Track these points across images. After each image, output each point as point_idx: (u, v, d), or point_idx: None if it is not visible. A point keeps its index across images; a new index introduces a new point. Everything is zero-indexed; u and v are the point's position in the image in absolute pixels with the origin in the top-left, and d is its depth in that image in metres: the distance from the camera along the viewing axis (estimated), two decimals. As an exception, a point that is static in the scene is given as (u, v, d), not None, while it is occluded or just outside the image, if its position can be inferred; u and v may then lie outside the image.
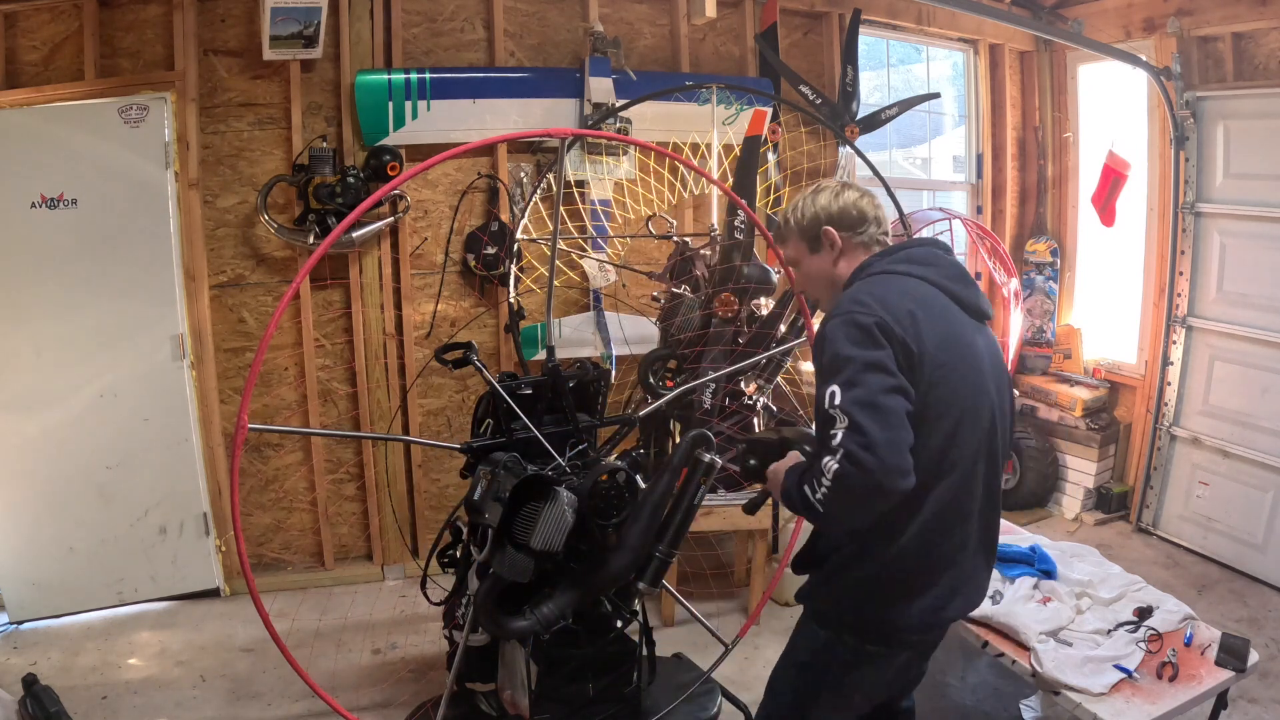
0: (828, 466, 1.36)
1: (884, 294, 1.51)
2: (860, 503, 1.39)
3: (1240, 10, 3.64)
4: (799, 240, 1.71)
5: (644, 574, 1.97)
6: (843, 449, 1.35)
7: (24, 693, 2.57)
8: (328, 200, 3.24)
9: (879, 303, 1.47)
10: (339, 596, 3.48)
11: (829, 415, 1.39)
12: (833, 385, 1.40)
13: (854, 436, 1.35)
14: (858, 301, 1.49)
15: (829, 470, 1.36)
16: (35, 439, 3.19)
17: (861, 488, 1.35)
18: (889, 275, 1.58)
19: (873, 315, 1.45)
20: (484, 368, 2.18)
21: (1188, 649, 2.26)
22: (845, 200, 1.67)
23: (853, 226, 1.67)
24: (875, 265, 1.63)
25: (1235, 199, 3.76)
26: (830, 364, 1.44)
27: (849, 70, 3.83)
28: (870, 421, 1.35)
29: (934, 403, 1.47)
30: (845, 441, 1.35)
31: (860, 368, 1.40)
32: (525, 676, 2.16)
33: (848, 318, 1.46)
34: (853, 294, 1.54)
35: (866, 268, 1.64)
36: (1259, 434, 3.67)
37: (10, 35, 3.09)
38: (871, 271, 1.61)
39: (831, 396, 1.39)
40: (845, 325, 1.45)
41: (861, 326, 1.43)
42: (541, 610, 1.96)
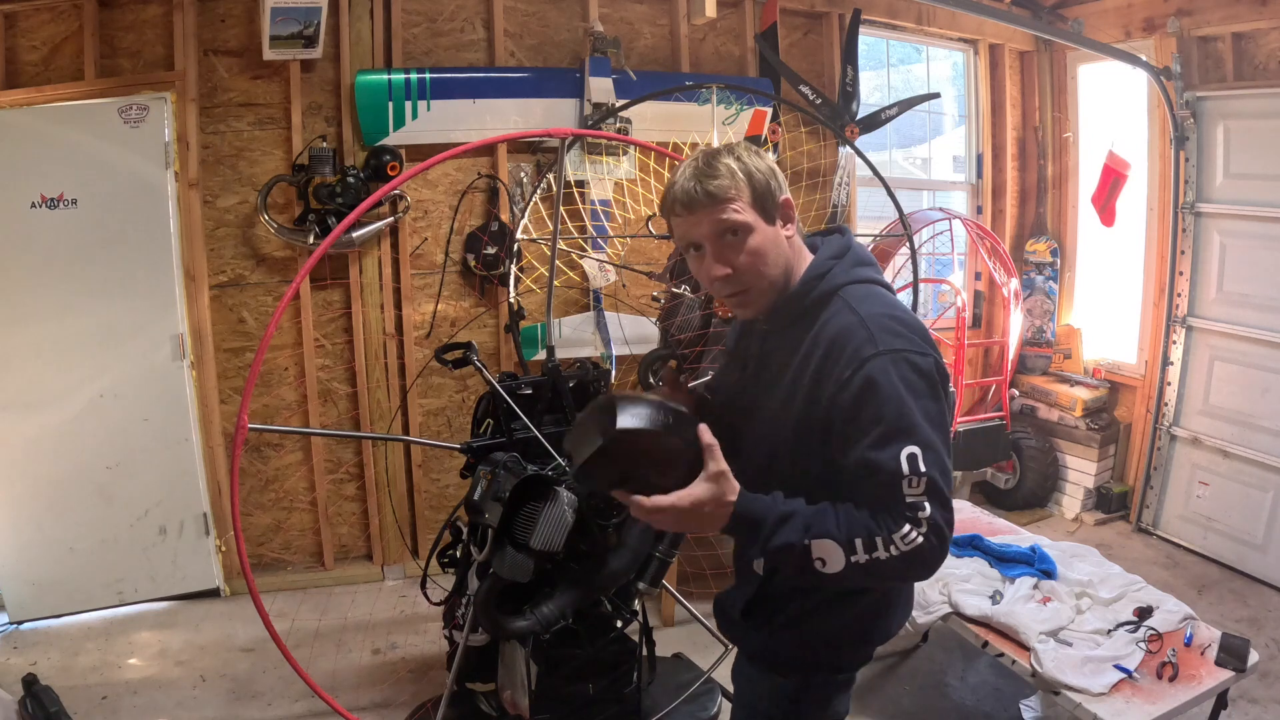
0: (907, 538, 1.15)
1: (908, 318, 1.27)
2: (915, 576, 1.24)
3: (1240, 10, 3.64)
4: (750, 204, 1.26)
5: (644, 574, 1.97)
6: (931, 523, 1.15)
7: (24, 693, 2.57)
8: (328, 200, 3.24)
9: (921, 335, 1.25)
10: (339, 596, 3.48)
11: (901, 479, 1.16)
12: (910, 447, 1.16)
13: (941, 511, 1.17)
14: (901, 335, 1.22)
15: (908, 542, 1.15)
16: (35, 439, 3.19)
17: (933, 564, 1.18)
18: (869, 286, 1.32)
19: (929, 355, 1.23)
20: (484, 368, 2.19)
21: (1188, 649, 2.26)
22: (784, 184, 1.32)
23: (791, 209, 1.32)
24: (839, 271, 1.32)
25: (1235, 199, 3.76)
26: (900, 420, 1.17)
27: (849, 70, 3.84)
28: (949, 490, 1.19)
29: None
30: (936, 516, 1.16)
31: (932, 426, 1.19)
32: (525, 676, 2.16)
33: (902, 358, 1.20)
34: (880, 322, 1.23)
35: (827, 274, 1.31)
36: (1259, 434, 3.67)
37: (10, 35, 3.09)
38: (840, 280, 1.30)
39: (912, 460, 1.15)
40: (902, 368, 1.20)
41: (923, 372, 1.21)
42: (541, 610, 1.96)
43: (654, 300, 3.46)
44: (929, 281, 4.68)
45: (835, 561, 1.16)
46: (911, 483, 1.16)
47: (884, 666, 3.00)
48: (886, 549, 1.15)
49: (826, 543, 1.16)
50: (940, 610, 2.50)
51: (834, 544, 1.16)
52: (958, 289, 4.28)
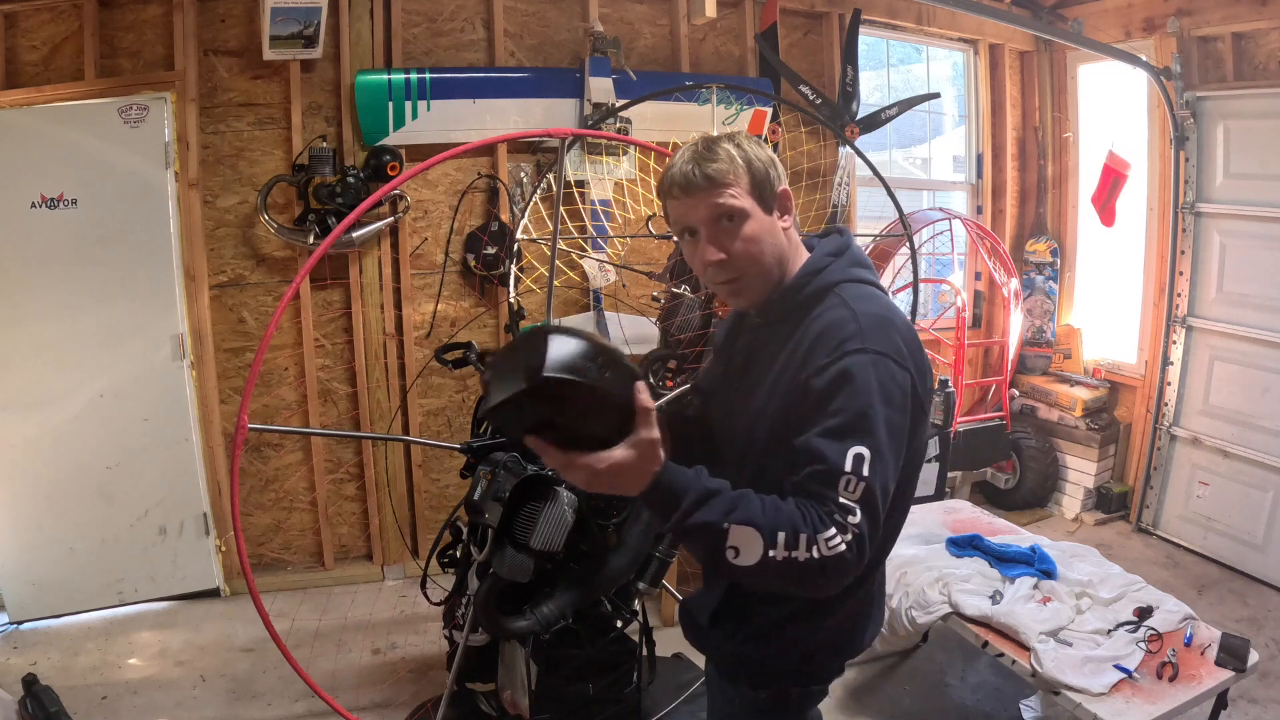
0: (831, 542, 1.09)
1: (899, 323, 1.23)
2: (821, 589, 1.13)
3: (1240, 10, 3.64)
4: (749, 192, 1.24)
5: (644, 574, 1.97)
6: (856, 533, 1.10)
7: (24, 693, 2.57)
8: (328, 200, 3.24)
9: (907, 345, 1.21)
10: (339, 596, 3.48)
11: (839, 478, 1.12)
12: (860, 447, 1.12)
13: (870, 525, 1.12)
14: (889, 341, 1.19)
15: (831, 546, 1.09)
16: (35, 439, 3.19)
17: (843, 578, 1.12)
18: (860, 286, 1.28)
19: (907, 369, 1.19)
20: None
21: (1188, 649, 2.26)
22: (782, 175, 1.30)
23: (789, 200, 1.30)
24: (836, 268, 1.29)
25: (1235, 199, 3.76)
26: (860, 418, 1.13)
27: (849, 70, 3.84)
28: (883, 511, 1.14)
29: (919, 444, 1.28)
30: (864, 527, 1.11)
31: (890, 438, 1.15)
32: (525, 676, 2.16)
33: (884, 363, 1.16)
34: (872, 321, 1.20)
35: (823, 270, 1.29)
36: (1259, 434, 3.67)
37: (10, 35, 3.09)
38: (835, 278, 1.28)
39: (858, 460, 1.11)
40: (881, 374, 1.16)
41: (899, 384, 1.17)
42: (541, 610, 1.96)
43: (654, 300, 3.46)
44: (929, 281, 4.68)
45: (750, 553, 1.09)
46: (850, 484, 1.11)
47: (884, 666, 3.01)
48: (808, 549, 1.09)
49: (747, 530, 1.09)
50: (940, 610, 2.50)
51: (755, 532, 1.09)
52: (958, 289, 4.28)
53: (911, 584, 2.61)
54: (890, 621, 2.62)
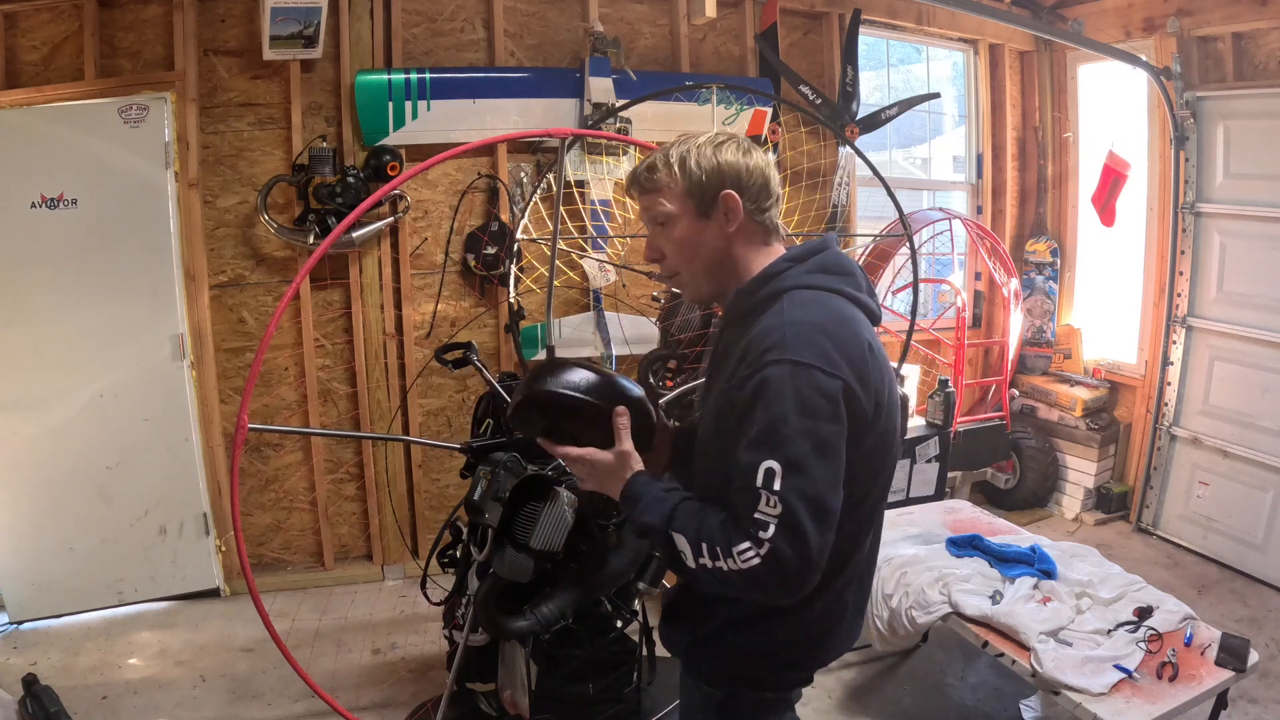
0: (744, 556, 1.11)
1: (837, 330, 1.19)
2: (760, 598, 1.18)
3: (1240, 10, 3.64)
4: (685, 196, 1.28)
5: (644, 574, 1.97)
6: (771, 548, 1.10)
7: (24, 693, 2.57)
8: (328, 200, 3.24)
9: (840, 351, 1.17)
10: (339, 596, 3.48)
11: (756, 493, 1.12)
12: (770, 461, 1.11)
13: (791, 540, 1.10)
14: (815, 347, 1.15)
15: (743, 558, 1.11)
16: (35, 439, 3.19)
17: (775, 592, 1.13)
18: (816, 293, 1.25)
19: (838, 376, 1.14)
20: (484, 368, 2.19)
21: (1188, 649, 2.26)
22: (755, 162, 1.28)
23: (758, 199, 1.28)
24: (792, 275, 1.27)
25: (1235, 199, 3.76)
26: (772, 431, 1.12)
27: (849, 70, 3.84)
28: (812, 524, 1.11)
29: (878, 454, 1.25)
30: (778, 541, 1.10)
31: (811, 449, 1.12)
32: (525, 676, 2.16)
33: (805, 373, 1.13)
34: (798, 329, 1.17)
35: (778, 276, 1.27)
36: (1259, 434, 3.67)
37: (10, 35, 3.09)
38: (790, 285, 1.26)
39: (768, 476, 1.11)
40: (800, 384, 1.13)
41: (825, 393, 1.13)
42: (541, 610, 1.96)
43: (654, 300, 3.46)
44: (929, 281, 4.68)
45: (688, 558, 1.18)
46: (768, 500, 1.11)
47: (884, 666, 3.01)
48: (724, 560, 1.13)
49: (681, 538, 1.19)
50: (940, 610, 2.50)
51: (686, 541, 1.18)
52: (958, 289, 4.28)
53: (911, 584, 2.61)
54: (890, 621, 2.62)
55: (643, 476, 1.29)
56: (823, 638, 1.37)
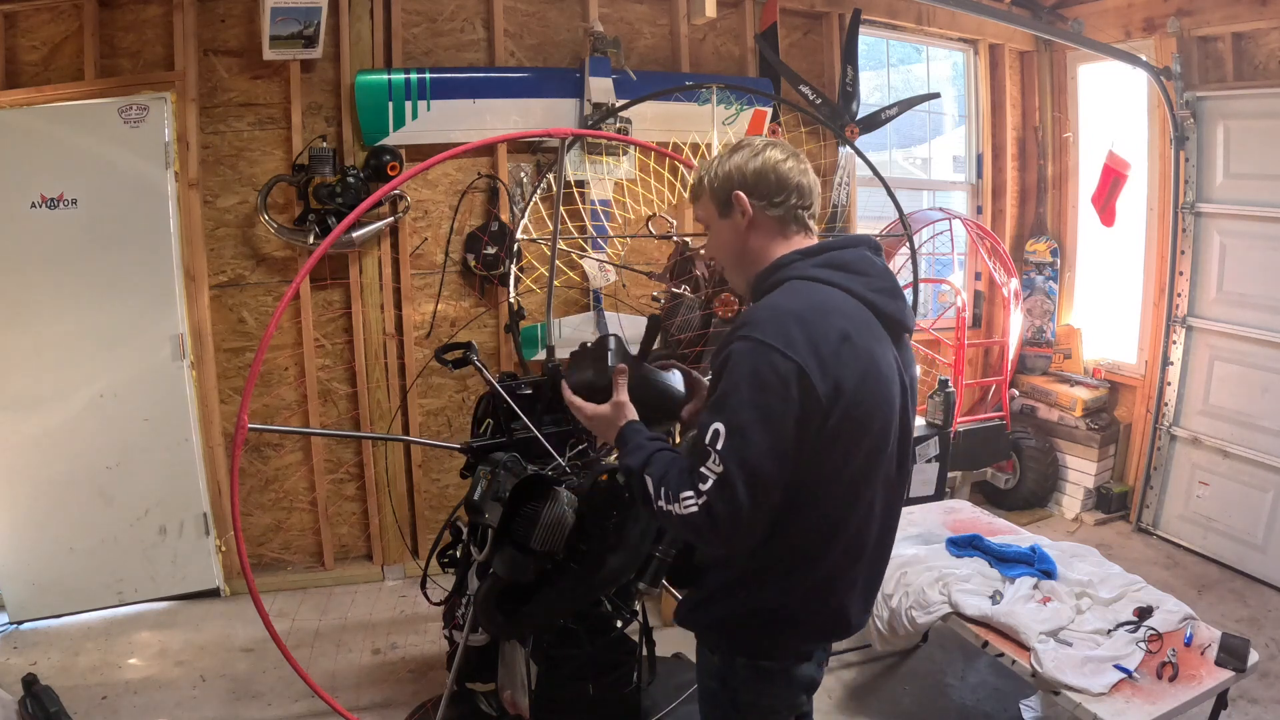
0: (685, 502, 1.25)
1: (810, 317, 1.29)
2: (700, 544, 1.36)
3: (1240, 10, 3.64)
4: (709, 200, 1.47)
5: (644, 574, 1.96)
6: (706, 500, 1.24)
7: (24, 693, 2.57)
8: (328, 200, 3.24)
9: (805, 335, 1.26)
10: (339, 596, 3.48)
11: (705, 450, 1.25)
12: (718, 423, 1.25)
13: (723, 496, 1.23)
14: (780, 330, 1.26)
15: (684, 506, 1.26)
16: (35, 439, 3.19)
17: (709, 539, 1.28)
18: (813, 284, 1.36)
19: (794, 359, 1.24)
20: (484, 368, 2.19)
21: (1188, 649, 2.26)
22: (764, 161, 1.41)
23: (768, 195, 1.41)
24: (798, 266, 1.39)
25: (1235, 199, 3.76)
26: (726, 396, 1.26)
27: (849, 70, 3.84)
28: (745, 488, 1.23)
29: (843, 440, 1.31)
30: (713, 495, 1.23)
31: (756, 419, 1.23)
32: (525, 676, 2.16)
33: (763, 351, 1.25)
34: (774, 312, 1.30)
35: (786, 265, 1.40)
36: (1259, 434, 3.67)
37: (10, 35, 3.09)
38: (792, 274, 1.38)
39: (715, 435, 1.24)
40: (757, 361, 1.25)
41: (778, 372, 1.24)
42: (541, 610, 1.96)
43: (654, 300, 3.46)
44: (929, 281, 4.68)
45: (651, 500, 1.32)
46: (714, 459, 1.24)
47: (884, 666, 3.01)
48: (672, 504, 1.28)
49: (649, 479, 1.32)
50: (940, 610, 2.50)
51: (651, 483, 1.32)
52: (958, 289, 4.28)
53: (911, 584, 2.61)
54: (890, 621, 2.62)
55: (635, 425, 1.46)
56: (801, 619, 1.45)
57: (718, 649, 1.51)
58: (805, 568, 1.40)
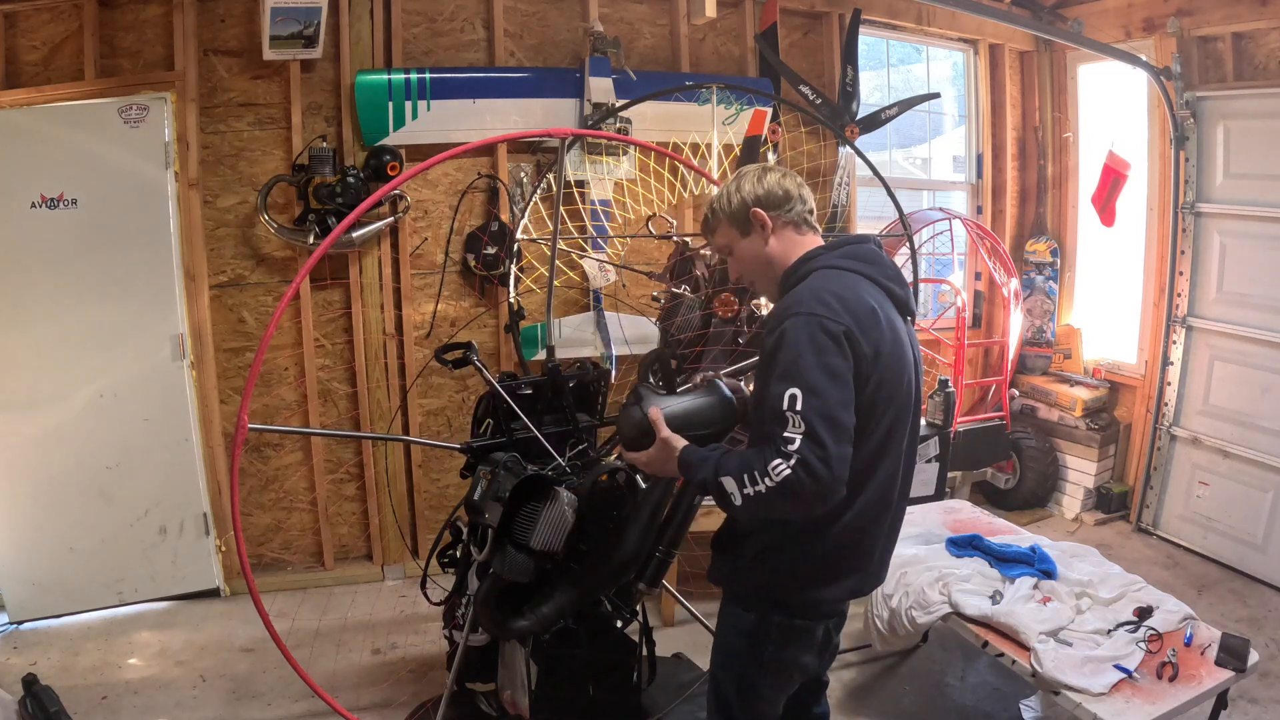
0: (777, 469, 1.38)
1: (845, 293, 1.51)
2: (797, 508, 1.44)
3: (1240, 10, 3.64)
4: (729, 227, 1.70)
5: (644, 574, 1.97)
6: (799, 456, 1.37)
7: (24, 693, 2.57)
8: (328, 200, 3.24)
9: (844, 306, 1.47)
10: (339, 596, 3.48)
11: (784, 416, 1.40)
12: (793, 388, 1.40)
13: (813, 448, 1.37)
14: (823, 303, 1.47)
15: (777, 473, 1.38)
16: (35, 439, 3.19)
17: (809, 496, 1.39)
18: (839, 271, 1.58)
19: (841, 323, 1.45)
20: (484, 368, 2.19)
21: (1188, 649, 2.26)
22: (769, 182, 1.67)
23: (779, 205, 1.66)
24: (823, 258, 1.61)
25: (1235, 199, 3.76)
26: (791, 365, 1.42)
27: (849, 70, 3.83)
28: (829, 436, 1.38)
29: (879, 401, 1.51)
30: (804, 450, 1.37)
31: (825, 376, 1.41)
32: (525, 677, 2.16)
33: (815, 320, 1.44)
34: (813, 291, 1.51)
35: (813, 259, 1.62)
36: (1259, 434, 3.67)
37: (10, 35, 3.09)
38: (820, 264, 1.60)
39: (792, 400, 1.40)
40: (812, 328, 1.44)
41: (831, 334, 1.43)
42: (541, 610, 1.96)
43: (654, 300, 3.46)
44: (929, 281, 4.68)
45: (737, 495, 1.43)
46: (792, 421, 1.39)
47: (884, 666, 3.01)
48: (763, 480, 1.40)
49: (728, 479, 1.45)
50: (940, 610, 2.50)
51: (733, 479, 1.44)
52: (958, 289, 4.28)
53: (911, 584, 2.61)
54: (890, 621, 2.62)
55: (689, 447, 1.57)
56: (839, 566, 1.61)
57: (755, 608, 1.64)
58: (839, 521, 1.54)
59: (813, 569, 1.59)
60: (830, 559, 1.59)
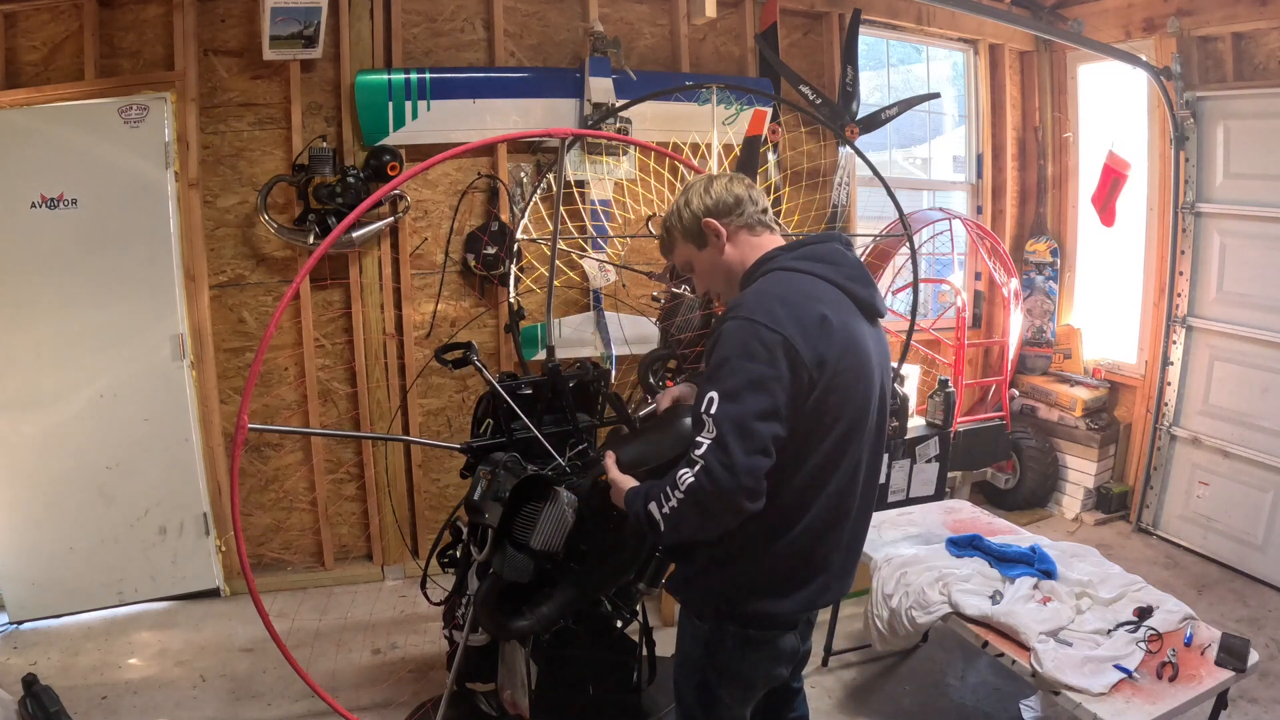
0: (682, 479, 1.39)
1: (795, 298, 1.47)
2: (707, 517, 1.42)
3: (1240, 10, 3.64)
4: (685, 243, 1.69)
5: (644, 574, 1.97)
6: (702, 463, 1.38)
7: (24, 693, 2.57)
8: (328, 200, 3.24)
9: (789, 313, 1.44)
10: (339, 596, 3.48)
11: (700, 419, 1.41)
12: (713, 391, 1.40)
13: (718, 454, 1.37)
14: (765, 309, 1.44)
15: (683, 483, 1.39)
16: (35, 439, 3.19)
17: (714, 505, 1.38)
18: (793, 274, 1.55)
19: (779, 332, 1.41)
20: (484, 368, 2.19)
21: (1188, 649, 2.26)
22: (716, 191, 1.66)
23: (729, 212, 1.64)
24: (779, 259, 1.59)
25: (1235, 199, 3.76)
26: (718, 367, 1.42)
27: (849, 70, 3.83)
28: (737, 444, 1.36)
29: (830, 408, 1.47)
30: (708, 456, 1.37)
31: (746, 384, 1.39)
32: (525, 676, 2.16)
33: (750, 326, 1.42)
34: (759, 296, 1.49)
35: (769, 260, 1.60)
36: (1259, 434, 3.67)
37: (10, 35, 3.09)
38: (775, 266, 1.57)
39: (709, 403, 1.40)
40: (746, 334, 1.41)
41: (765, 342, 1.40)
42: (541, 610, 1.96)
43: (654, 300, 3.46)
44: (929, 281, 4.68)
45: (658, 520, 1.44)
46: (705, 424, 1.40)
47: (884, 666, 3.01)
48: (674, 494, 1.41)
49: (652, 504, 1.46)
50: (940, 610, 2.50)
51: (654, 503, 1.45)
52: (958, 289, 4.28)
53: (911, 584, 2.61)
54: (890, 621, 2.61)
55: (633, 487, 1.56)
56: (792, 579, 1.57)
57: (708, 618, 1.63)
58: (788, 534, 1.52)
59: (764, 581, 1.56)
60: (781, 572, 1.55)
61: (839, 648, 3.04)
